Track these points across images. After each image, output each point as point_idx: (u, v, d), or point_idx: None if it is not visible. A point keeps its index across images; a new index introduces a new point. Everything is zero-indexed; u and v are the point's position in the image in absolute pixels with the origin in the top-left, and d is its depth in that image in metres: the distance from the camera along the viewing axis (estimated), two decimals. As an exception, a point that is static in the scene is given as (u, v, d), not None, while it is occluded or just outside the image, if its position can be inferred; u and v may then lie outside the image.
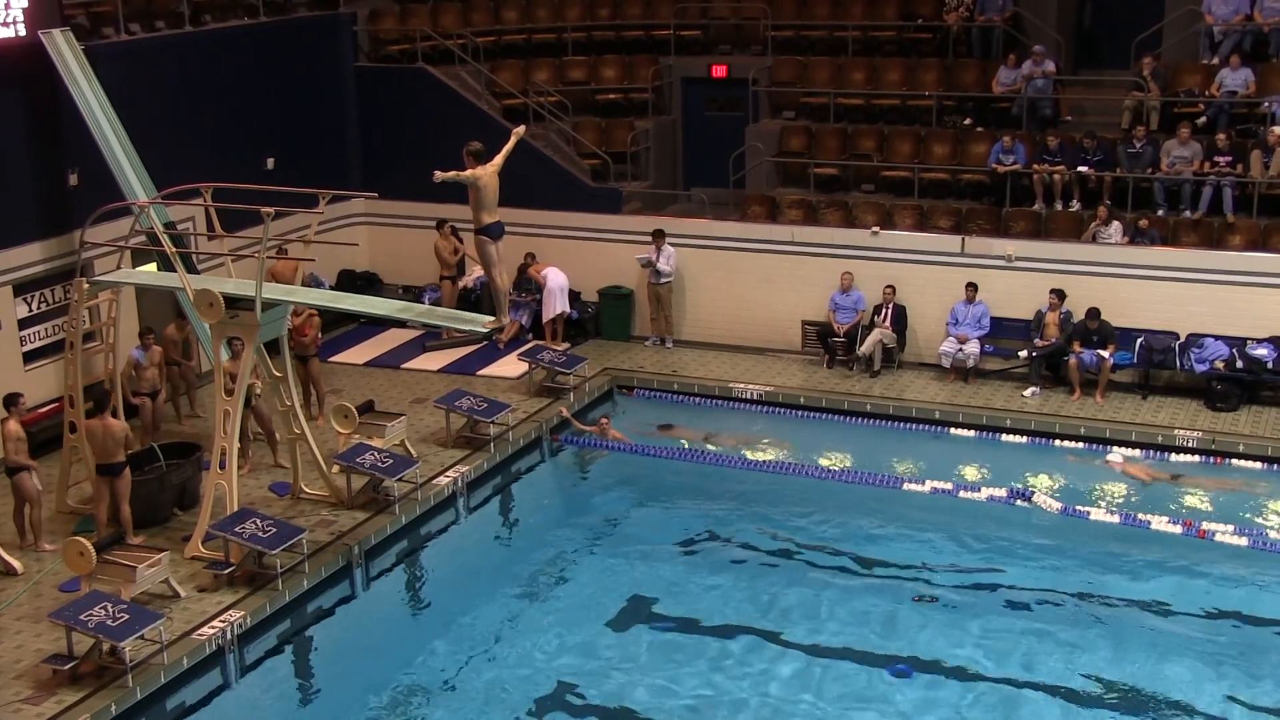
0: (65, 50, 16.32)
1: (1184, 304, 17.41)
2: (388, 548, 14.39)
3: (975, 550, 14.74)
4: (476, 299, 19.98)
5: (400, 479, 14.80)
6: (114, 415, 14.09)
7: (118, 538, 13.00)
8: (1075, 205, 18.84)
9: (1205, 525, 14.53)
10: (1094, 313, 17.36)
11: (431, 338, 20.16)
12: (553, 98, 21.87)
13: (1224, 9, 19.50)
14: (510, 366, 19.01)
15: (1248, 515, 14.96)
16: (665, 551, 14.93)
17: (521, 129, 14.44)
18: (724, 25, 22.89)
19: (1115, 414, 16.93)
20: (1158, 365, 17.40)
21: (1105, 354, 17.18)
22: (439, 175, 13.29)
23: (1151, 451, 16.25)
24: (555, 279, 19.79)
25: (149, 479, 14.40)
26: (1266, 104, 18.43)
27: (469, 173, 13.51)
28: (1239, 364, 16.98)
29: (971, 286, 18.11)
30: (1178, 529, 14.52)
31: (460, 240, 19.99)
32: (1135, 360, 17.41)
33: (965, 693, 12.18)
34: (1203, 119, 18.83)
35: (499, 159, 13.74)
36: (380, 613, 13.94)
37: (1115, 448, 16.37)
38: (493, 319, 14.16)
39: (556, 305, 19.80)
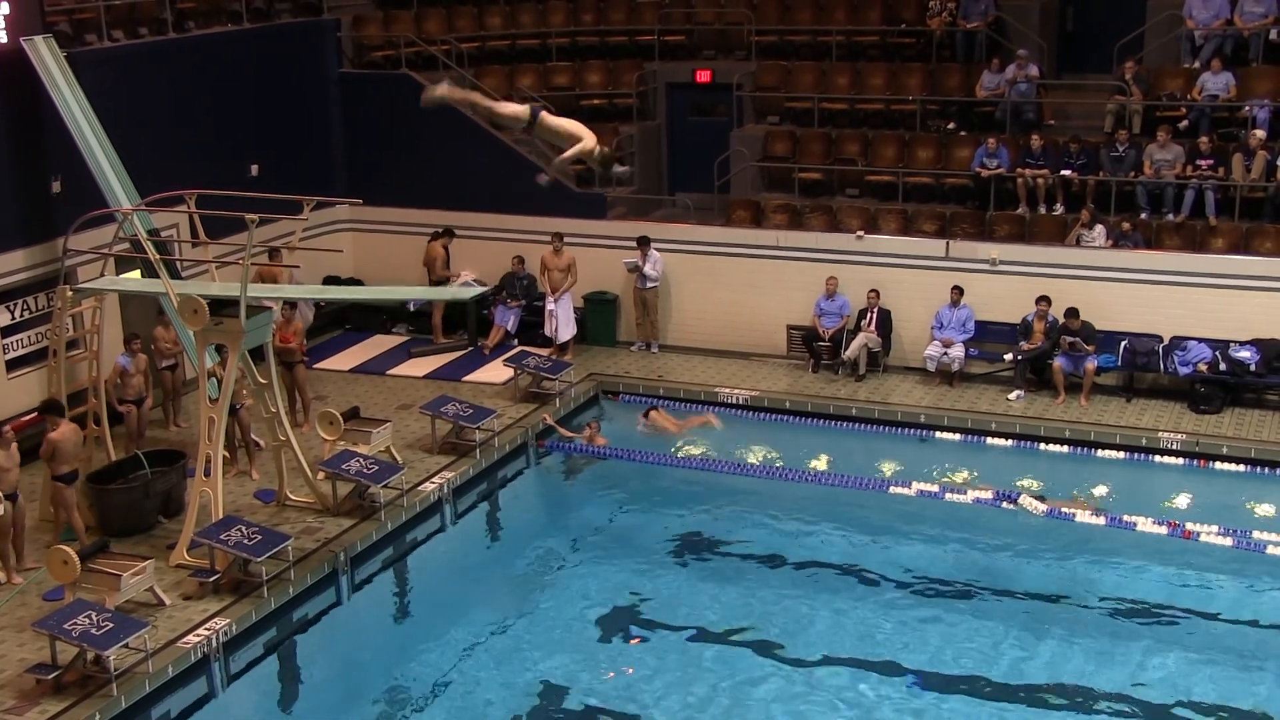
0: (47, 57, 16.26)
1: (1167, 307, 17.48)
2: (373, 554, 14.35)
3: (961, 553, 14.76)
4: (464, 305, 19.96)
5: (386, 485, 14.78)
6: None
7: (103, 546, 12.94)
8: (1059, 209, 18.91)
9: (1190, 526, 14.60)
10: (1072, 312, 17.41)
11: (418, 344, 20.15)
12: (537, 103, 21.81)
13: (1204, 14, 19.61)
14: (496, 372, 19.00)
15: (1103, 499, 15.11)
16: (652, 557, 14.92)
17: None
18: (708, 30, 22.91)
19: (1099, 417, 16.99)
20: (1141, 368, 17.47)
21: (1088, 348, 17.24)
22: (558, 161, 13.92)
23: (1081, 448, 16.45)
24: (563, 306, 19.58)
25: (134, 487, 14.35)
26: (1247, 108, 18.54)
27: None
28: (1222, 366, 17.05)
29: (956, 290, 18.15)
30: (1163, 530, 14.60)
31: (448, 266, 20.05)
32: (1119, 363, 17.48)
33: (959, 694, 12.20)
34: (1184, 123, 18.93)
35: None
36: (366, 620, 13.91)
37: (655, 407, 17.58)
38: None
39: (563, 332, 19.65)
